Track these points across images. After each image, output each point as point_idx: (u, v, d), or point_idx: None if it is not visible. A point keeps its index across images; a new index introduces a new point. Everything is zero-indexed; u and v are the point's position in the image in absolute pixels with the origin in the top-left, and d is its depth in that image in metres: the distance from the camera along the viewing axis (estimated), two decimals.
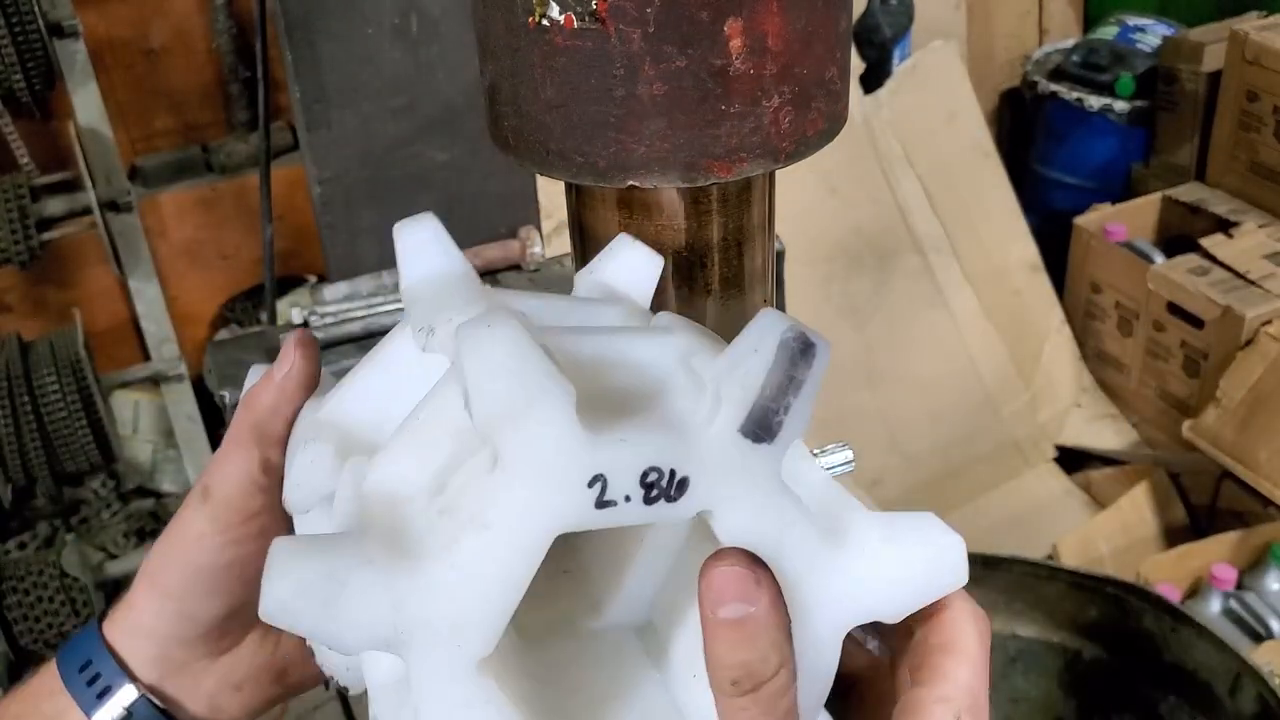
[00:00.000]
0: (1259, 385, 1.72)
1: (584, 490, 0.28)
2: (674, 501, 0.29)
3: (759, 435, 0.29)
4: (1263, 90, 1.91)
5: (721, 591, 0.28)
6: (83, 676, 0.37)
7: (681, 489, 0.29)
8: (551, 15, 0.37)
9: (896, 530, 0.32)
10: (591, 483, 0.28)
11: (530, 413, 0.28)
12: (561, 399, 0.28)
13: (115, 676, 0.37)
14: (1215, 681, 1.21)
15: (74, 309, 1.73)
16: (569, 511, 0.28)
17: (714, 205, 0.44)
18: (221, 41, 2.05)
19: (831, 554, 0.31)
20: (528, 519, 0.28)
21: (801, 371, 0.30)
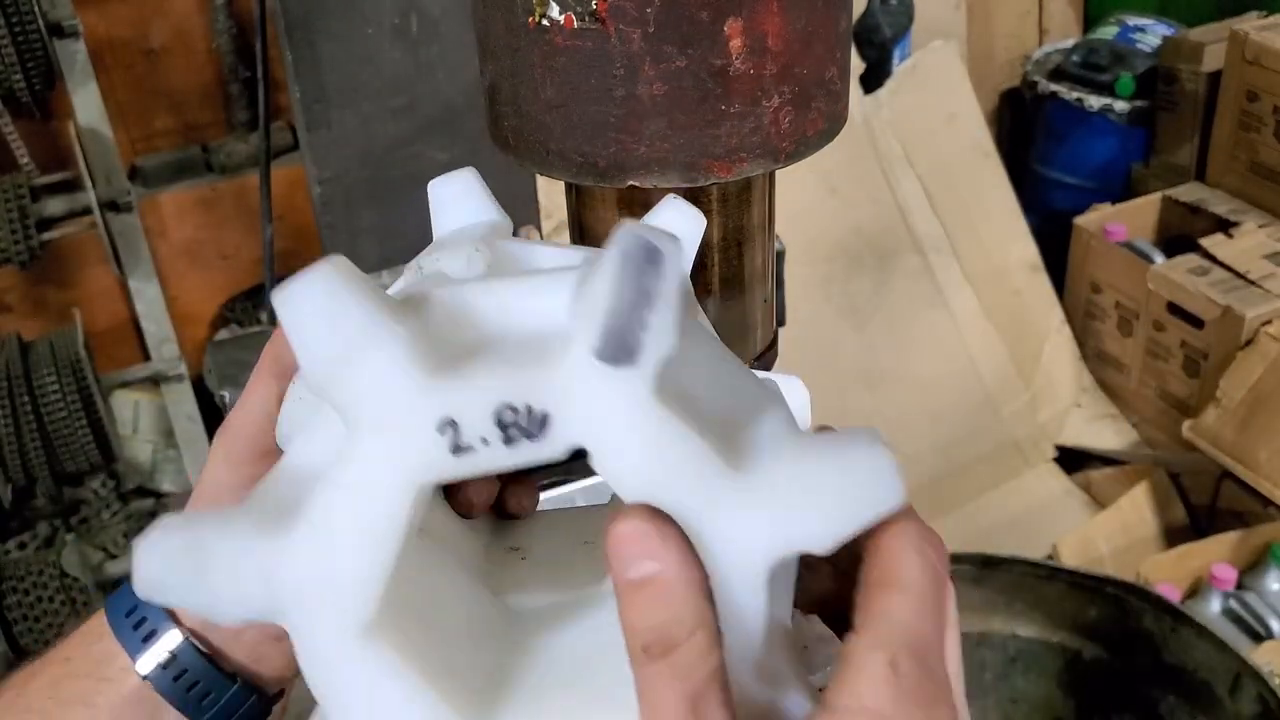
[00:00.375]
0: (1259, 385, 1.72)
1: (435, 437, 0.27)
2: (537, 439, 0.27)
3: (619, 358, 0.26)
4: (1263, 90, 1.91)
5: (625, 551, 0.26)
6: (129, 621, 0.37)
7: (544, 425, 0.27)
8: (551, 15, 0.37)
9: (814, 449, 0.27)
10: (442, 429, 0.27)
11: (357, 362, 0.27)
12: (390, 344, 0.27)
13: (161, 621, 0.37)
14: (1215, 681, 1.21)
15: (74, 309, 1.73)
16: (423, 461, 0.27)
17: (714, 205, 0.44)
18: (221, 41, 2.05)
19: (737, 483, 0.27)
20: (377, 474, 0.27)
21: (652, 282, 0.27)
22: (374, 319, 0.27)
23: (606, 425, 0.27)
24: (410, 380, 0.27)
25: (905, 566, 0.28)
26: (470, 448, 0.27)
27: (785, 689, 0.28)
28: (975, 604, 1.28)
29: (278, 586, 0.28)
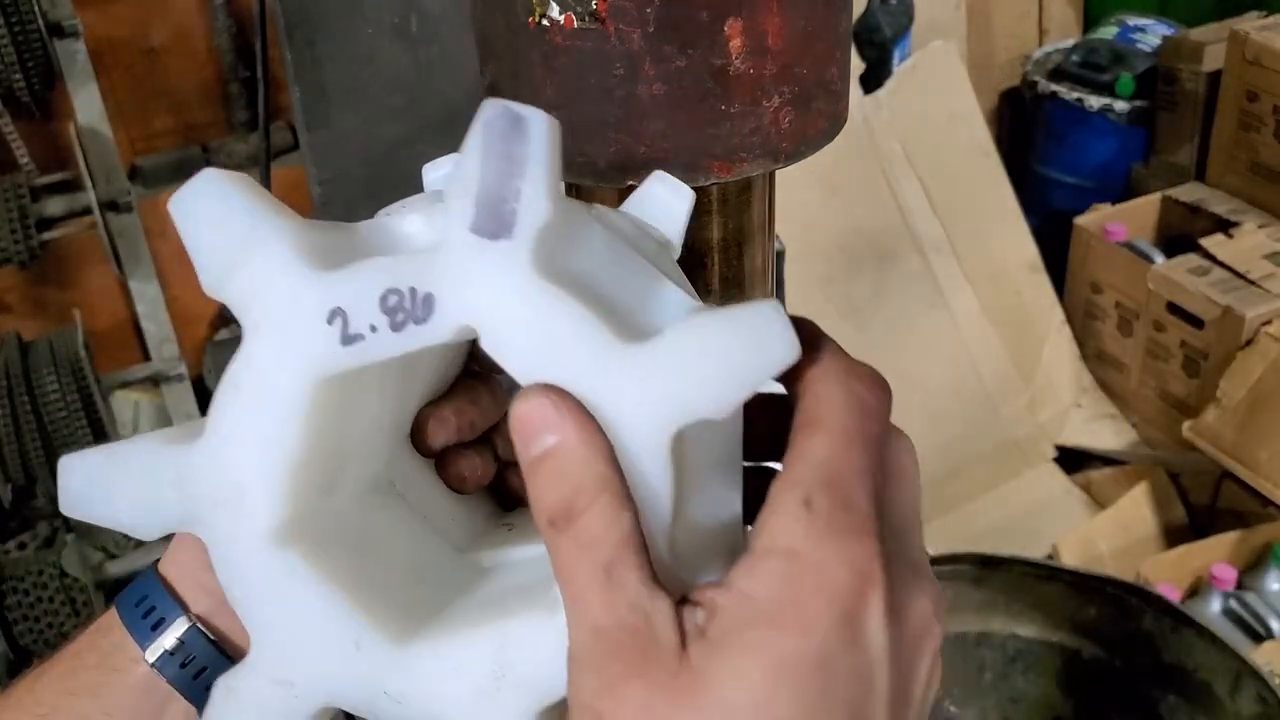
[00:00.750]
0: (1259, 385, 1.72)
1: (325, 328, 0.27)
2: (424, 322, 0.27)
3: (495, 231, 0.26)
4: (1263, 90, 1.91)
5: (525, 430, 0.26)
6: (138, 610, 0.37)
7: (428, 306, 0.27)
8: (551, 15, 0.37)
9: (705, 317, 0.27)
10: (331, 319, 0.27)
11: (246, 262, 0.27)
12: (275, 241, 0.27)
13: (169, 609, 0.37)
14: (1215, 682, 1.21)
15: (74, 309, 1.73)
16: (314, 353, 0.27)
17: (714, 205, 0.44)
18: (221, 41, 2.05)
19: (627, 354, 0.26)
20: (272, 369, 0.27)
21: (518, 149, 0.26)
22: (261, 218, 0.27)
23: (490, 301, 0.26)
24: (296, 274, 0.27)
25: (825, 403, 0.27)
26: (360, 336, 0.27)
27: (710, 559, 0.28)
28: (975, 604, 1.28)
29: (190, 494, 0.28)
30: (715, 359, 0.26)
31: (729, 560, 0.27)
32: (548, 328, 0.26)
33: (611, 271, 0.29)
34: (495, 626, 0.28)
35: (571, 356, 0.26)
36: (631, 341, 0.26)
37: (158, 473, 0.29)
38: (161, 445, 0.29)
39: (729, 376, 0.26)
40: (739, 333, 0.26)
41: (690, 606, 0.26)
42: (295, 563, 0.28)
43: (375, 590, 0.29)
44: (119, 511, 0.29)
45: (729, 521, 0.29)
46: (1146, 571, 1.59)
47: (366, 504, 0.32)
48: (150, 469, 0.29)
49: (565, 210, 0.28)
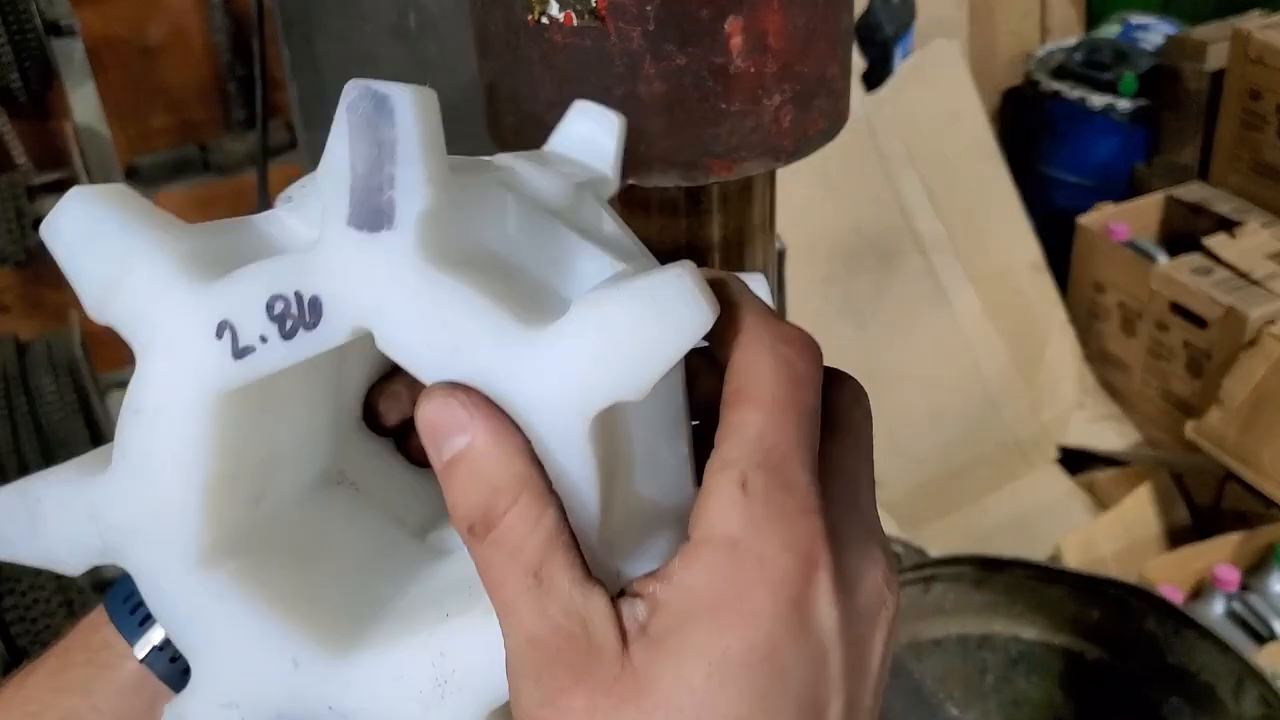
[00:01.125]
0: (1262, 385, 1.71)
1: (214, 343, 0.26)
2: (315, 328, 0.25)
3: (374, 222, 0.24)
4: (1266, 89, 1.91)
5: (432, 431, 0.24)
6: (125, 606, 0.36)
7: (316, 310, 0.25)
8: (551, 13, 0.36)
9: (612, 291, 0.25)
10: (219, 333, 0.26)
11: (124, 280, 0.26)
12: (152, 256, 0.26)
13: None
14: (1218, 684, 1.20)
15: (71, 309, 1.72)
16: (208, 370, 0.26)
17: (714, 204, 0.43)
18: (219, 39, 2.05)
19: (530, 339, 0.24)
20: (167, 390, 0.26)
21: (386, 132, 0.24)
22: (134, 233, 0.26)
23: (379, 299, 0.25)
24: (177, 289, 0.26)
25: (754, 373, 0.25)
26: (250, 348, 0.26)
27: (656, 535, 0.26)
28: (977, 606, 1.28)
29: (107, 526, 0.27)
30: (623, 336, 0.24)
31: (678, 532, 0.26)
32: (443, 320, 0.25)
33: (521, 243, 0.27)
34: (433, 632, 0.27)
35: (472, 348, 0.25)
36: (535, 325, 0.24)
37: (73, 507, 0.28)
38: (74, 477, 0.28)
39: (639, 354, 0.24)
40: (644, 305, 0.24)
41: (630, 599, 0.24)
42: (223, 584, 0.27)
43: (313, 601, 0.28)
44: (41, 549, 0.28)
45: (675, 489, 0.27)
46: (1149, 573, 1.58)
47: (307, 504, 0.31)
48: (64, 503, 0.28)
49: (461, 186, 0.26)
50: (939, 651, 1.28)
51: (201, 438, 0.26)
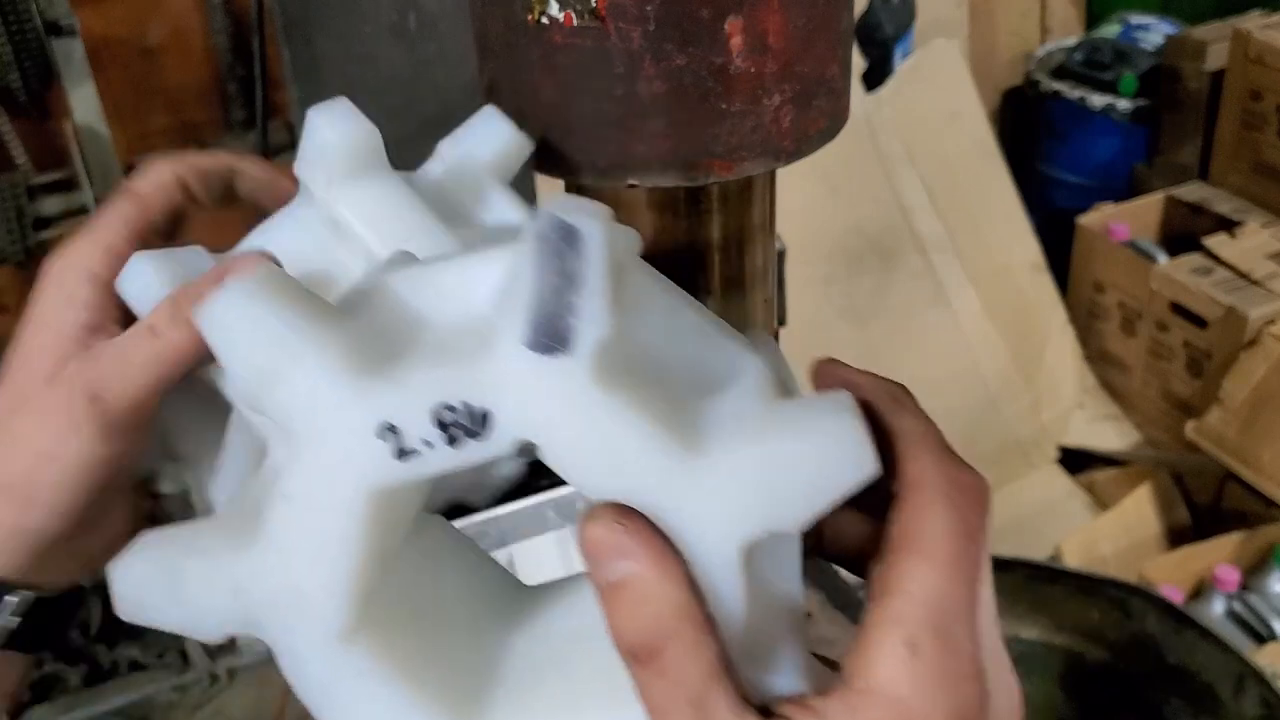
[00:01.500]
0: (1262, 386, 1.72)
1: (376, 443, 0.26)
2: (481, 438, 0.26)
3: (551, 347, 0.25)
4: (1266, 89, 1.91)
5: (598, 554, 0.25)
6: None
7: (485, 423, 0.26)
8: (551, 13, 0.36)
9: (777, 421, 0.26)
10: (382, 434, 0.26)
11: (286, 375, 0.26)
12: (316, 353, 0.26)
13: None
14: (1218, 684, 1.20)
15: None
16: (368, 469, 0.26)
17: (714, 204, 0.43)
18: (219, 40, 2.05)
19: (696, 467, 0.25)
20: (324, 485, 0.26)
21: (573, 264, 0.25)
22: (298, 328, 0.26)
23: (550, 419, 0.26)
24: (341, 389, 0.26)
25: (929, 524, 0.25)
26: (414, 451, 0.26)
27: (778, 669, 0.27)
28: None
29: (249, 602, 0.27)
30: (789, 477, 0.25)
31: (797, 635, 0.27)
32: (612, 444, 0.26)
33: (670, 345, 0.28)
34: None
35: (638, 470, 0.26)
36: (698, 451, 0.26)
37: (215, 581, 0.28)
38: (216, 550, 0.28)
39: (803, 494, 0.25)
40: (812, 445, 0.25)
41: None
42: (359, 659, 0.28)
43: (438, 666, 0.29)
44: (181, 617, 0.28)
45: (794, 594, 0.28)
46: (1149, 573, 1.59)
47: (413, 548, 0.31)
48: (207, 578, 0.28)
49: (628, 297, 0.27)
50: None
51: (354, 530, 0.26)
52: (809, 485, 0.26)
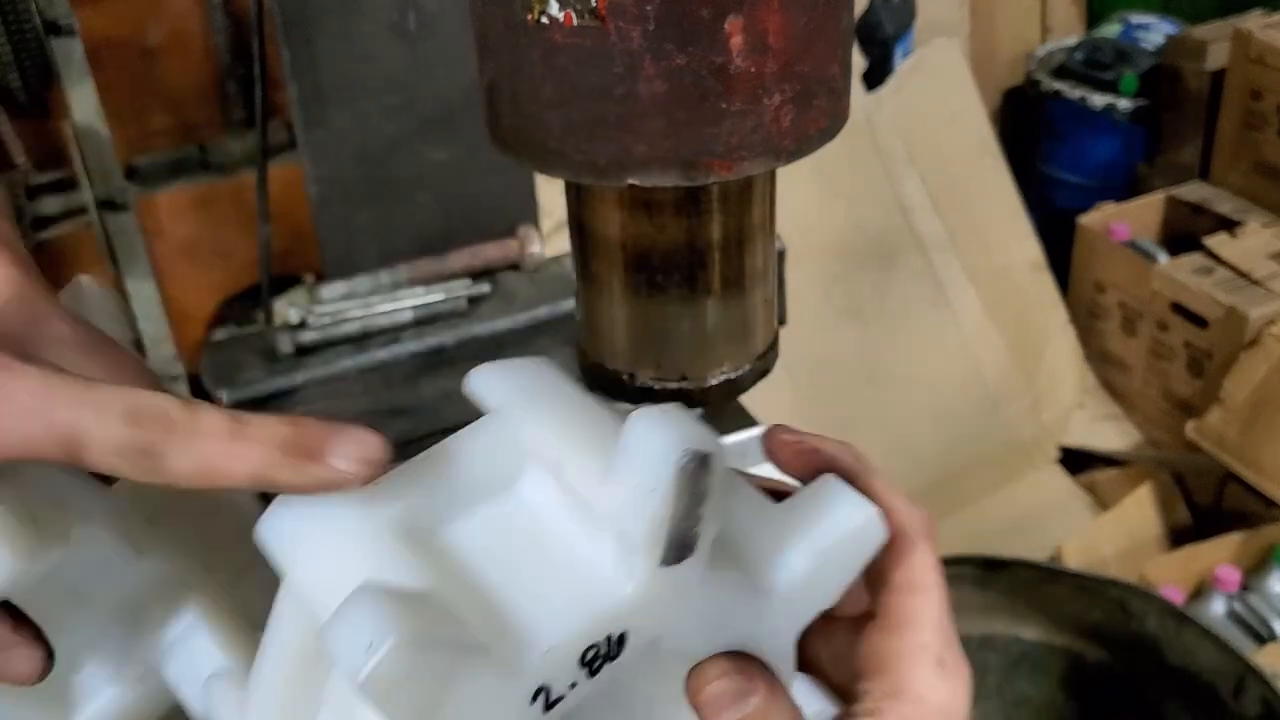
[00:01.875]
0: (1263, 386, 1.72)
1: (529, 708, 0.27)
2: (619, 658, 0.28)
3: (683, 555, 0.28)
4: (1267, 89, 1.91)
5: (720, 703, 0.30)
6: None
7: (622, 643, 0.28)
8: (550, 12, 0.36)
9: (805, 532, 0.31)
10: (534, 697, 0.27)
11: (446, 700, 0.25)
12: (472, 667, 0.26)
13: None
14: (1219, 684, 1.20)
15: None
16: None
17: (714, 204, 0.43)
18: (219, 40, 2.05)
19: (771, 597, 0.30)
20: None
21: (704, 484, 0.28)
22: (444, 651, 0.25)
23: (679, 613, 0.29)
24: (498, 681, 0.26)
25: (925, 569, 0.32)
26: (561, 698, 0.27)
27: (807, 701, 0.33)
28: (978, 606, 1.28)
29: None
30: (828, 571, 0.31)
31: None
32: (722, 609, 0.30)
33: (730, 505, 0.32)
34: None
35: (739, 619, 0.31)
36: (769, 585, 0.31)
37: None
38: None
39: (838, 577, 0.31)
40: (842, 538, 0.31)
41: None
42: None
43: None
44: None
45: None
46: (1150, 573, 1.59)
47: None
48: None
49: None
50: None
51: None
52: (843, 568, 0.31)
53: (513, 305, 0.83)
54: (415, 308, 0.81)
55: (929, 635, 0.31)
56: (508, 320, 0.81)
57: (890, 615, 0.32)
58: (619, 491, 0.28)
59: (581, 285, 0.47)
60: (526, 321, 0.82)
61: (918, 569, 0.32)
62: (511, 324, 0.81)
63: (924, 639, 0.31)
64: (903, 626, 0.31)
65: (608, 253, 0.45)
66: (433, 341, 0.80)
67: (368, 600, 0.25)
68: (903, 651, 0.31)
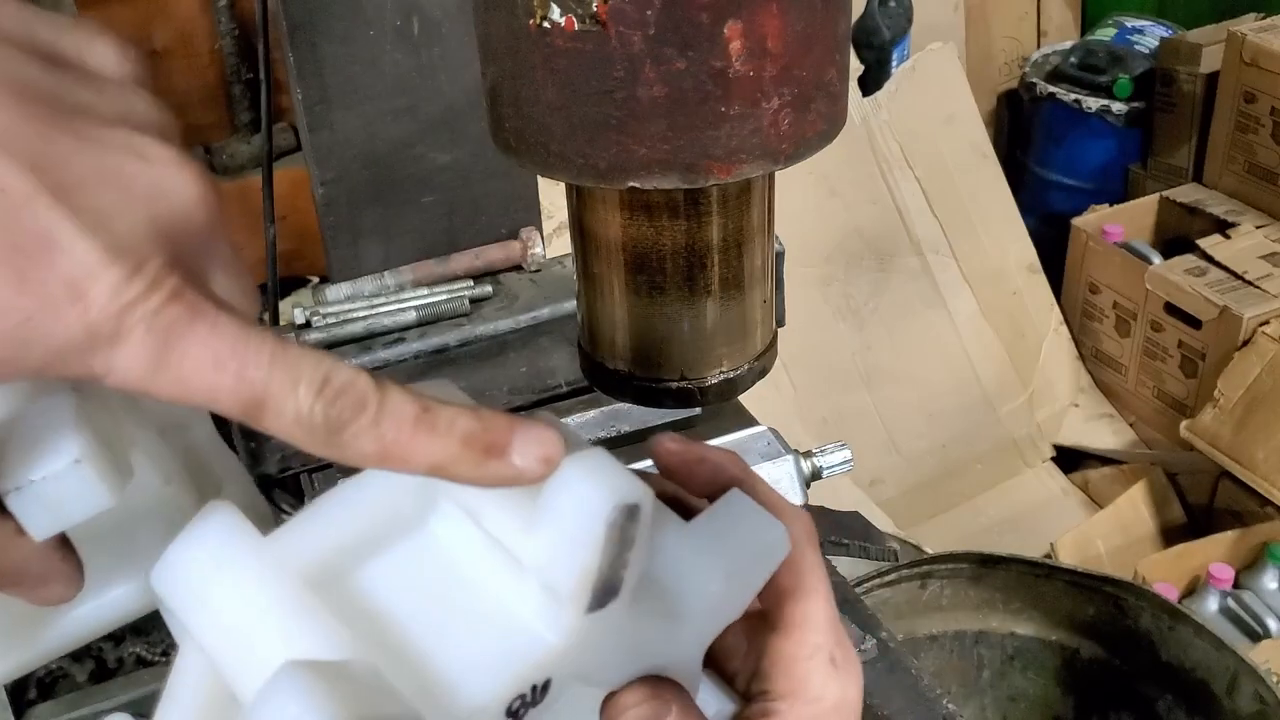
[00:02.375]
0: (1256, 385, 1.72)
1: None
2: (540, 702, 0.29)
3: (608, 599, 0.28)
4: (1260, 91, 1.92)
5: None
6: None
7: (545, 689, 0.29)
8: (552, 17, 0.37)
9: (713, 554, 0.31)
10: None
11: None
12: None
13: None
14: (1212, 680, 1.21)
15: None
16: None
17: (714, 206, 0.44)
18: (224, 43, 2.05)
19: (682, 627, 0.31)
20: None
21: (632, 532, 0.28)
22: None
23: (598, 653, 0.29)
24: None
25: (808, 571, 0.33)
26: None
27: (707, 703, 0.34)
28: (973, 603, 1.28)
29: None
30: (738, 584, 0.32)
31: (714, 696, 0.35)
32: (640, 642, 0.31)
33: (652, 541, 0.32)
34: None
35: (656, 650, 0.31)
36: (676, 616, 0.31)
37: None
38: None
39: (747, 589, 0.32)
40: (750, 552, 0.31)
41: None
42: None
43: None
44: None
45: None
46: (1144, 570, 1.59)
47: None
48: None
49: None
50: (935, 647, 1.29)
51: None
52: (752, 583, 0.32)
53: (515, 306, 0.84)
54: (419, 308, 0.81)
55: (821, 636, 0.33)
56: (510, 321, 0.82)
57: (783, 620, 0.33)
58: (544, 542, 0.28)
59: (582, 286, 0.48)
60: (528, 322, 0.82)
61: (805, 574, 0.33)
62: (514, 324, 0.82)
63: (817, 640, 0.33)
64: (796, 630, 0.33)
65: (608, 254, 0.45)
66: (436, 342, 0.80)
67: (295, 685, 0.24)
68: (798, 654, 0.33)
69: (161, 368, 0.24)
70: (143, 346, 0.24)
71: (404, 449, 0.26)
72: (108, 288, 0.24)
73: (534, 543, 0.28)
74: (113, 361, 0.24)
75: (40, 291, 0.23)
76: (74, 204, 0.24)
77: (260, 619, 0.26)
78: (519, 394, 0.75)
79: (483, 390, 0.77)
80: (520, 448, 0.27)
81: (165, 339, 0.24)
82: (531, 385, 0.77)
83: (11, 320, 0.23)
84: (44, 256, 0.23)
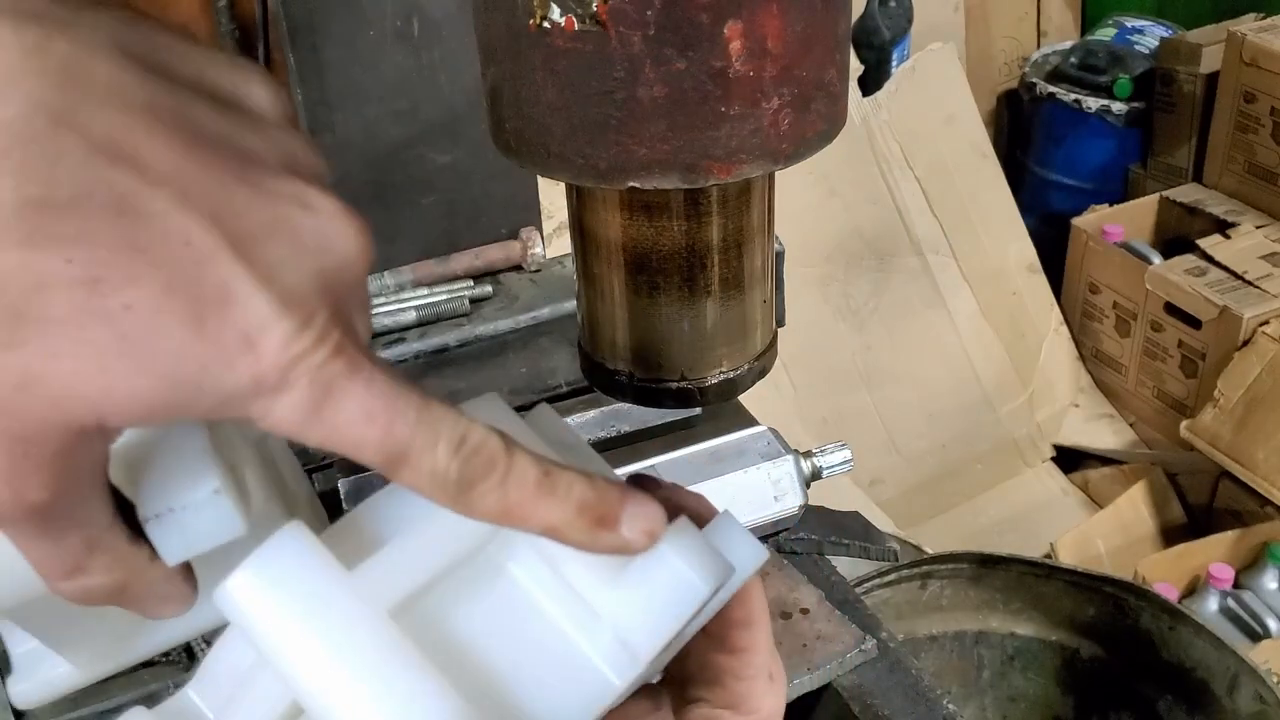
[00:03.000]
0: (1256, 385, 1.73)
1: None
2: None
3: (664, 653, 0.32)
4: (1260, 91, 1.92)
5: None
6: None
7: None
8: (552, 18, 0.37)
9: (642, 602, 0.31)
10: None
11: None
12: None
13: None
14: (1213, 680, 1.21)
15: None
16: None
17: (714, 206, 0.44)
18: (224, 45, 2.05)
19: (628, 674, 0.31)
20: None
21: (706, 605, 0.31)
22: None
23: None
24: None
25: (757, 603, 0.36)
26: None
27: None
28: (973, 603, 1.28)
29: None
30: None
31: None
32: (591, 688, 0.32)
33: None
34: None
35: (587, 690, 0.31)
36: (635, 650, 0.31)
37: None
38: None
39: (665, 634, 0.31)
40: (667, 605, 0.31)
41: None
42: None
43: None
44: None
45: None
46: (1144, 570, 1.59)
47: None
48: None
49: None
50: (935, 648, 1.29)
51: None
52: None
53: (515, 306, 0.84)
54: (419, 309, 0.81)
55: (764, 659, 0.37)
56: (510, 321, 0.82)
57: (730, 642, 0.36)
58: (630, 602, 0.30)
59: (583, 286, 0.48)
60: (528, 322, 0.82)
61: (752, 605, 0.36)
62: (514, 324, 0.82)
63: (760, 661, 0.36)
64: (743, 653, 0.36)
65: (608, 254, 0.46)
66: (436, 342, 0.81)
67: None
68: (742, 673, 0.36)
69: (317, 418, 0.25)
70: (304, 397, 0.25)
71: (524, 510, 0.28)
72: (278, 340, 0.25)
73: (616, 597, 0.30)
74: (272, 409, 0.25)
75: (217, 341, 0.24)
76: (250, 256, 0.25)
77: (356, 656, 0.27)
78: (519, 394, 0.75)
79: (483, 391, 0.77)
80: (629, 521, 0.30)
81: (326, 391, 0.25)
82: (531, 385, 0.77)
83: (189, 368, 0.24)
84: (222, 308, 0.24)
